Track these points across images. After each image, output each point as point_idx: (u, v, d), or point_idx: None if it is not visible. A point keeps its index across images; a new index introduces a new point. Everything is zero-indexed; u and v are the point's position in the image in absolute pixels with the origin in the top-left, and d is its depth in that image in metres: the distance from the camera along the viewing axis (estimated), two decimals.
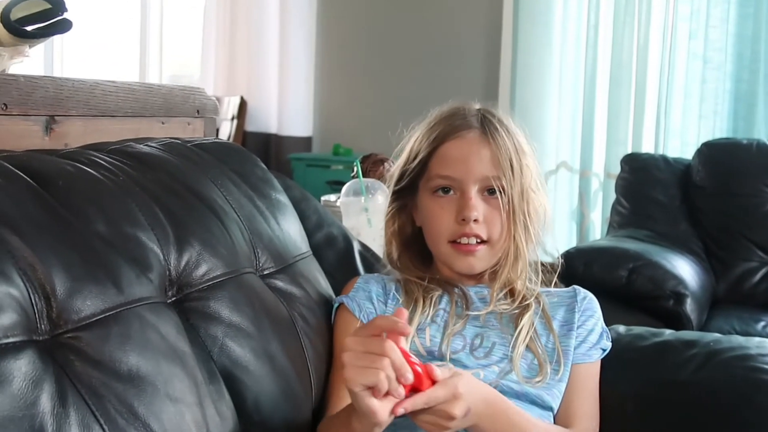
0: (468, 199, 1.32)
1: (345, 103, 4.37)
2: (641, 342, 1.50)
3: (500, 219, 1.33)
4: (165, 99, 1.66)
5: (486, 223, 1.33)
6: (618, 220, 3.16)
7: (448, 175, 1.34)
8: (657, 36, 3.66)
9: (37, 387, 0.86)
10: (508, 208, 1.33)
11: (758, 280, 2.92)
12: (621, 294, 2.43)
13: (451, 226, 1.33)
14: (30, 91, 1.31)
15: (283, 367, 1.23)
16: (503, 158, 1.33)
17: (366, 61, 4.30)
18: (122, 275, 1.04)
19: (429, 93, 4.01)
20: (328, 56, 4.37)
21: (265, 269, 1.34)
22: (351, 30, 4.32)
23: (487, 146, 1.34)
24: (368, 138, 3.97)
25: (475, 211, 1.31)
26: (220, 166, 1.41)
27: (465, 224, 1.32)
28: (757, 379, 1.41)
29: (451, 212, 1.34)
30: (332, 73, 4.38)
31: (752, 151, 3.07)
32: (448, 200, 1.35)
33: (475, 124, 1.36)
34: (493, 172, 1.33)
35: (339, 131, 4.35)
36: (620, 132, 3.73)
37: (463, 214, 1.32)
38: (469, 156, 1.34)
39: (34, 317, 0.91)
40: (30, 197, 1.01)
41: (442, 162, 1.35)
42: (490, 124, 1.35)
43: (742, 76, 3.53)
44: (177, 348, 1.06)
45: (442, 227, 1.35)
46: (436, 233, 1.36)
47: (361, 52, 4.30)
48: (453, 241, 1.34)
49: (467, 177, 1.33)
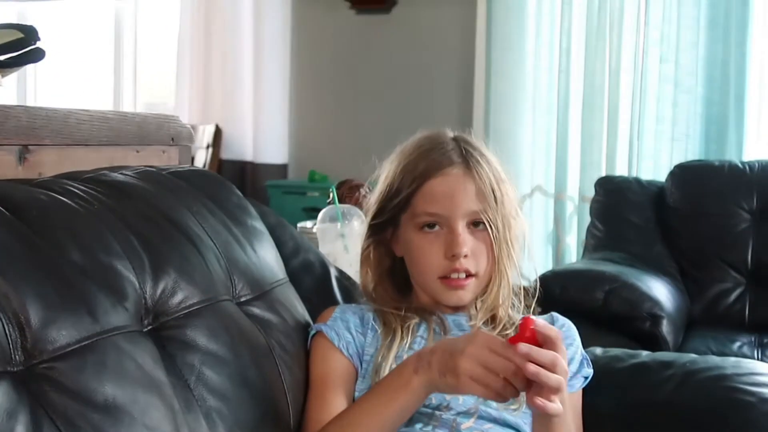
0: (457, 235, 1.32)
1: (320, 130, 4.38)
2: (618, 363, 1.51)
3: (486, 251, 1.35)
4: (139, 127, 1.65)
5: (474, 256, 1.34)
6: (593, 242, 3.17)
7: (436, 212, 1.34)
8: (629, 60, 3.69)
9: (11, 419, 0.85)
10: (495, 239, 1.34)
11: (733, 300, 2.93)
12: (598, 316, 2.44)
13: (441, 262, 1.34)
14: (2, 121, 1.30)
15: (260, 393, 1.23)
16: (487, 191, 1.33)
17: (340, 87, 4.31)
18: (97, 304, 1.03)
19: (404, 118, 4.03)
20: (302, 84, 4.38)
21: (242, 296, 1.34)
22: (325, 57, 4.33)
23: (472, 181, 1.34)
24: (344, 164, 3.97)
25: (465, 247, 1.32)
26: (196, 194, 1.41)
27: (455, 260, 1.32)
28: (733, 399, 1.41)
29: (439, 248, 1.34)
30: (306, 100, 4.39)
31: (724, 173, 3.10)
32: (436, 235, 1.35)
33: (457, 159, 1.36)
34: (479, 205, 1.33)
35: (314, 158, 4.36)
36: (594, 155, 3.75)
37: (453, 251, 1.32)
38: (455, 192, 1.34)
39: (8, 348, 0.90)
40: (3, 227, 1.00)
41: (428, 199, 1.35)
42: (472, 157, 1.36)
43: (713, 99, 3.56)
44: (153, 377, 1.05)
45: (432, 263, 1.35)
46: (426, 269, 1.37)
47: (336, 79, 4.32)
48: (444, 278, 1.35)
49: (455, 213, 1.33)
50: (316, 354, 1.37)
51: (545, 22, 3.82)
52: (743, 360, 1.55)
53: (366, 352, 1.36)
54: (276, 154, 4.36)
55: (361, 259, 1.47)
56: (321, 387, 1.33)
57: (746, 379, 1.45)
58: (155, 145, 1.68)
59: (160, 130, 1.72)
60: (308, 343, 1.39)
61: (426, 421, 1.26)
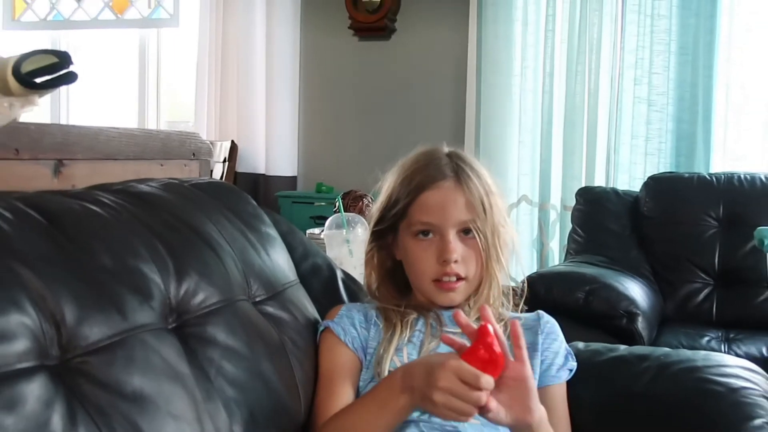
0: (447, 242, 1.33)
1: (326, 145, 4.38)
2: (598, 357, 1.51)
3: (475, 257, 1.35)
4: (163, 143, 1.66)
5: (464, 261, 1.35)
6: (574, 247, 3.17)
7: (429, 222, 1.35)
8: (606, 82, 3.69)
9: (48, 408, 0.85)
10: (483, 246, 1.35)
11: (701, 299, 2.93)
12: (579, 314, 2.44)
13: (434, 266, 1.35)
14: (39, 138, 1.31)
15: (274, 385, 1.23)
16: (476, 202, 1.34)
17: (345, 107, 4.32)
18: (126, 304, 1.03)
19: (402, 134, 4.04)
20: (309, 103, 4.38)
21: (257, 297, 1.34)
22: (330, 80, 4.34)
23: (461, 193, 1.34)
24: (348, 176, 3.98)
25: (455, 253, 1.33)
26: (215, 204, 1.41)
27: (446, 265, 1.33)
28: (704, 389, 1.41)
29: (432, 254, 1.35)
30: (314, 118, 4.39)
31: (693, 184, 3.10)
32: (429, 242, 1.36)
33: (449, 173, 1.36)
34: (468, 215, 1.34)
35: (321, 170, 4.36)
36: (574, 168, 3.75)
37: (444, 257, 1.33)
38: (446, 204, 1.35)
39: (45, 344, 0.90)
40: (40, 234, 1.01)
41: (423, 209, 1.36)
42: (463, 172, 1.36)
43: (682, 117, 3.57)
44: (177, 370, 1.05)
45: (426, 268, 1.36)
46: (420, 273, 1.38)
47: (340, 99, 4.32)
48: (437, 281, 1.36)
49: (446, 222, 1.34)
50: (324, 348, 1.38)
51: (530, 48, 3.83)
52: (712, 353, 1.55)
53: (369, 345, 1.36)
54: (286, 167, 4.36)
55: (365, 262, 1.48)
56: (329, 378, 1.34)
57: (715, 370, 1.45)
58: (178, 159, 1.68)
59: (182, 146, 1.72)
60: (317, 338, 1.39)
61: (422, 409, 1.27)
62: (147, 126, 4.64)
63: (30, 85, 1.34)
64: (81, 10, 4.72)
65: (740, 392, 1.40)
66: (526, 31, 3.82)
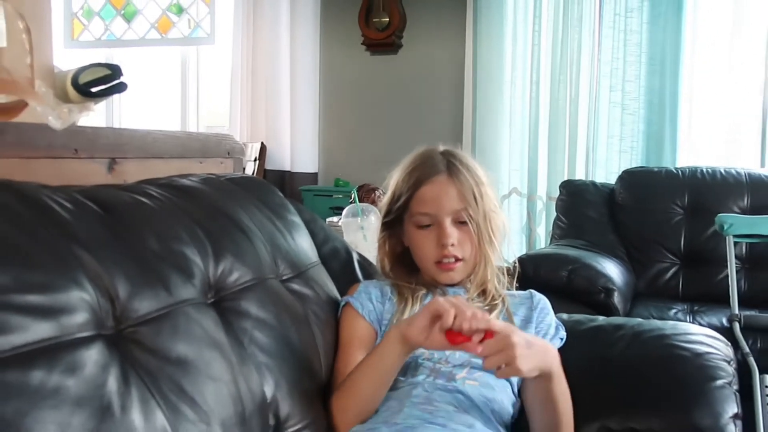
0: (444, 229, 1.35)
1: (343, 145, 4.37)
2: (580, 326, 1.50)
3: (470, 240, 1.36)
4: (202, 144, 1.65)
5: (459, 245, 1.35)
6: (558, 232, 3.16)
7: (427, 212, 1.36)
8: (585, 89, 3.68)
9: (104, 371, 0.85)
10: (475, 230, 1.35)
11: (669, 277, 2.92)
12: (563, 290, 2.43)
13: (434, 250, 1.36)
14: (95, 139, 1.31)
15: (299, 352, 1.23)
16: (467, 193, 1.35)
17: (359, 112, 4.31)
18: (171, 281, 1.04)
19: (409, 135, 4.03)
20: (328, 108, 4.38)
21: (284, 275, 1.34)
22: (346, 89, 4.33)
23: (453, 186, 1.35)
24: (362, 172, 3.98)
25: (451, 238, 1.34)
26: (247, 195, 1.41)
27: (444, 248, 1.35)
28: (672, 354, 1.41)
29: (432, 240, 1.36)
30: (332, 121, 4.38)
31: (662, 177, 3.09)
32: (429, 231, 1.37)
33: (442, 169, 1.37)
34: (461, 205, 1.35)
35: (339, 167, 4.35)
36: (558, 164, 3.74)
37: (442, 242, 1.34)
38: (440, 196, 1.36)
39: (102, 316, 0.90)
40: (97, 222, 1.01)
41: (421, 202, 1.37)
42: (454, 167, 1.37)
43: (652, 119, 3.55)
44: (215, 338, 1.05)
45: (428, 253, 1.37)
46: (423, 257, 1.39)
47: (355, 105, 4.31)
48: (438, 263, 1.37)
49: (441, 212, 1.35)
50: (344, 320, 1.38)
51: (519, 60, 3.81)
52: (679, 323, 1.54)
53: (384, 317, 1.36)
54: (308, 164, 4.36)
55: (378, 248, 1.49)
56: (348, 346, 1.34)
57: (682, 338, 1.45)
58: (215, 157, 1.68)
59: (218, 146, 1.72)
60: (339, 312, 1.40)
61: (428, 372, 1.27)
62: (188, 129, 4.64)
63: (86, 93, 1.34)
64: (131, 31, 4.72)
65: (704, 357, 1.40)
66: (515, 45, 3.81)
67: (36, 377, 0.78)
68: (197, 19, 4.62)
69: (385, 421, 1.18)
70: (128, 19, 4.75)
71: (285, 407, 1.14)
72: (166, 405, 0.91)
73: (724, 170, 3.04)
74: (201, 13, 4.61)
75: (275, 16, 4.23)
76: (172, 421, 0.91)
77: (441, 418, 1.17)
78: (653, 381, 1.37)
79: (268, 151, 4.27)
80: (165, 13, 4.67)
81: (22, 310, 0.80)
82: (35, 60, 1.27)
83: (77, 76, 1.33)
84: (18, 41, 1.24)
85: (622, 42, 3.57)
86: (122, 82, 1.38)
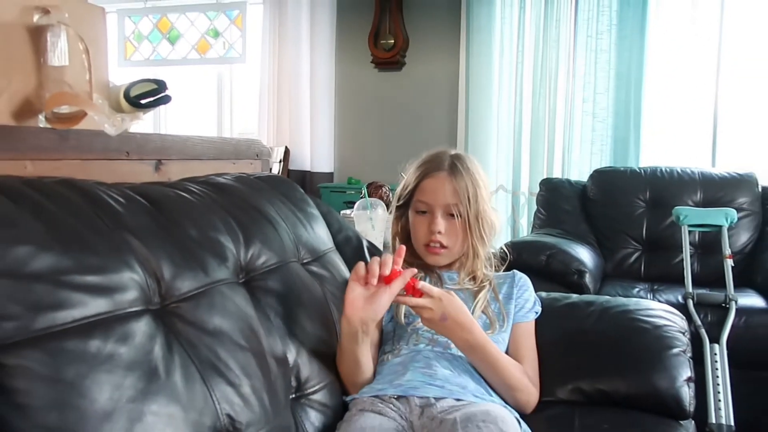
0: (435, 218, 1.34)
1: (355, 149, 4.36)
2: (557, 303, 1.50)
3: (457, 233, 1.35)
4: (235, 147, 1.65)
5: (446, 234, 1.35)
6: (538, 223, 3.15)
7: (424, 201, 1.36)
8: (561, 100, 3.66)
9: (151, 341, 0.86)
10: (464, 226, 1.34)
11: (633, 261, 2.91)
12: (542, 272, 2.42)
13: (425, 235, 1.36)
14: (144, 143, 1.31)
15: (317, 324, 1.23)
16: (461, 192, 1.33)
17: (368, 120, 4.29)
18: (208, 264, 1.04)
19: (411, 140, 4.03)
20: (343, 117, 4.36)
21: (304, 259, 1.34)
22: (358, 100, 4.31)
23: (451, 183, 1.34)
24: (371, 172, 3.98)
25: (439, 227, 1.34)
26: (273, 191, 1.41)
27: (432, 234, 1.34)
28: (635, 326, 1.41)
29: (425, 225, 1.36)
30: (346, 129, 4.37)
31: (627, 175, 3.08)
32: (424, 217, 1.37)
33: (445, 167, 1.36)
34: (453, 200, 1.34)
35: (351, 168, 4.34)
36: (538, 164, 3.73)
37: (431, 229, 1.35)
38: (437, 189, 1.35)
39: (149, 294, 0.91)
40: (145, 213, 1.01)
41: (422, 192, 1.37)
42: (456, 168, 1.36)
43: (618, 126, 3.53)
44: (246, 313, 1.06)
45: (420, 235, 1.37)
46: (416, 238, 1.39)
47: (365, 114, 4.30)
48: (426, 245, 1.36)
49: (435, 203, 1.35)
50: None
51: (505, 75, 3.79)
52: (641, 300, 1.54)
53: None
54: (325, 165, 4.35)
55: (391, 226, 1.49)
56: None
57: (643, 312, 1.45)
58: (246, 159, 1.68)
59: (249, 149, 1.71)
60: None
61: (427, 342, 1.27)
62: (222, 135, 4.64)
63: (136, 105, 1.34)
64: (174, 52, 4.71)
65: (662, 329, 1.40)
66: (502, 63, 3.79)
67: (93, 345, 0.78)
68: (231, 42, 4.61)
69: (391, 382, 1.18)
70: (172, 42, 4.74)
71: (305, 371, 1.14)
72: (204, 369, 0.91)
73: (680, 169, 3.03)
74: (234, 36, 4.60)
75: (297, 39, 4.22)
76: (209, 383, 0.91)
77: (439, 380, 1.18)
78: (619, 349, 1.37)
79: (291, 154, 4.27)
80: (203, 37, 4.66)
81: (81, 288, 0.81)
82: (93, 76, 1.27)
83: (129, 90, 1.33)
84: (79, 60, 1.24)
85: (593, 60, 3.54)
86: (167, 95, 1.38)
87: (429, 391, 1.14)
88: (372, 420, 1.08)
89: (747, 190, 2.89)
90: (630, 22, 3.46)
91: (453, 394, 1.13)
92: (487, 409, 1.04)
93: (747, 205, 2.85)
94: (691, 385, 1.33)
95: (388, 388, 1.16)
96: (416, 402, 1.13)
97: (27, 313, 0.74)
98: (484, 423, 0.88)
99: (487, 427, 0.87)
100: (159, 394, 0.82)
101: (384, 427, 1.06)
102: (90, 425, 0.73)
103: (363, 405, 1.14)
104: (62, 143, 1.12)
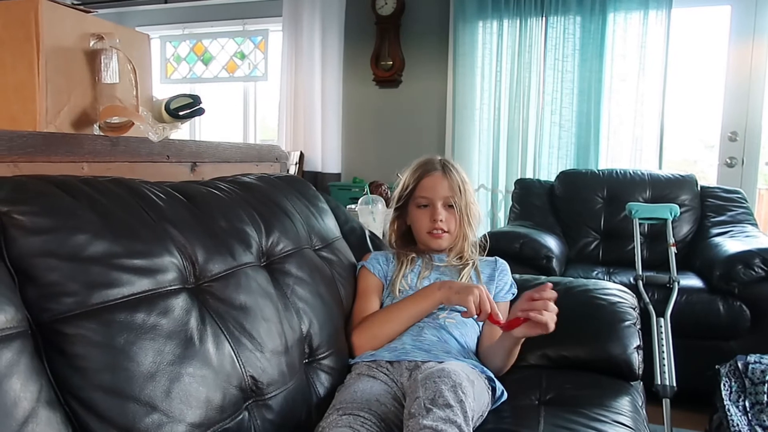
0: (436, 209, 1.36)
1: (359, 153, 4.35)
2: (528, 283, 1.50)
3: (454, 220, 1.37)
4: (258, 152, 1.65)
5: (446, 221, 1.37)
6: (513, 216, 3.15)
7: (425, 196, 1.37)
8: (533, 113, 3.65)
9: (188, 314, 0.86)
10: (459, 214, 1.36)
11: (592, 248, 2.91)
12: (516, 257, 2.42)
13: (428, 224, 1.37)
14: (182, 148, 1.31)
15: (327, 301, 1.23)
16: (455, 186, 1.36)
17: (371, 130, 4.28)
18: (235, 250, 1.04)
19: (406, 147, 4.02)
20: (349, 127, 4.35)
21: (316, 246, 1.34)
22: (362, 112, 4.30)
23: (446, 180, 1.37)
24: (372, 173, 3.98)
25: (441, 216, 1.36)
26: (290, 189, 1.41)
27: (435, 223, 1.36)
28: (594, 303, 1.41)
29: (428, 217, 1.37)
30: (351, 137, 4.36)
31: (588, 176, 3.08)
32: (426, 210, 1.38)
33: (439, 168, 1.39)
34: (450, 194, 1.36)
35: (356, 169, 4.34)
36: (513, 166, 3.72)
37: (434, 217, 1.36)
38: (436, 185, 1.37)
39: (186, 275, 0.91)
40: (183, 207, 1.01)
41: (422, 189, 1.38)
42: (447, 167, 1.39)
43: (581, 135, 3.52)
44: (267, 290, 1.06)
45: (423, 225, 1.38)
46: (420, 229, 1.39)
47: (368, 125, 4.29)
48: (429, 233, 1.37)
49: (435, 197, 1.36)
50: (361, 278, 1.39)
51: (486, 92, 3.78)
52: (599, 281, 1.54)
53: (388, 275, 1.38)
54: (334, 167, 4.34)
55: (389, 225, 1.50)
56: (363, 294, 1.35)
57: (601, 291, 1.45)
58: (267, 162, 1.68)
59: (269, 153, 1.71)
60: (357, 272, 1.40)
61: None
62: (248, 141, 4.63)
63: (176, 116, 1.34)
64: (208, 71, 4.70)
65: (616, 305, 1.40)
66: (483, 82, 3.77)
67: (139, 317, 0.78)
68: (255, 63, 4.60)
69: (387, 347, 1.19)
70: (206, 63, 4.73)
71: (316, 340, 1.15)
72: (232, 338, 0.91)
73: (632, 171, 3.03)
74: (258, 58, 4.59)
75: (310, 61, 4.20)
76: (236, 350, 0.91)
77: (427, 345, 1.18)
78: (580, 322, 1.37)
79: (305, 158, 4.26)
80: (232, 58, 4.65)
81: (129, 270, 0.81)
82: (139, 92, 1.27)
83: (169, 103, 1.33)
84: (127, 78, 1.24)
85: (560, 79, 3.53)
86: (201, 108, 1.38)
87: (417, 355, 1.14)
88: (365, 383, 1.08)
89: (688, 189, 2.89)
90: (590, 48, 3.46)
91: (438, 358, 1.14)
92: (443, 366, 1.03)
93: (688, 201, 2.85)
94: (640, 352, 1.33)
95: (384, 352, 1.17)
96: (406, 365, 1.13)
97: (84, 291, 0.74)
98: (440, 378, 0.90)
99: (442, 381, 0.90)
100: (194, 359, 0.82)
101: (375, 390, 1.06)
102: (137, 384, 0.74)
103: (360, 369, 1.15)
104: (113, 148, 1.12)
